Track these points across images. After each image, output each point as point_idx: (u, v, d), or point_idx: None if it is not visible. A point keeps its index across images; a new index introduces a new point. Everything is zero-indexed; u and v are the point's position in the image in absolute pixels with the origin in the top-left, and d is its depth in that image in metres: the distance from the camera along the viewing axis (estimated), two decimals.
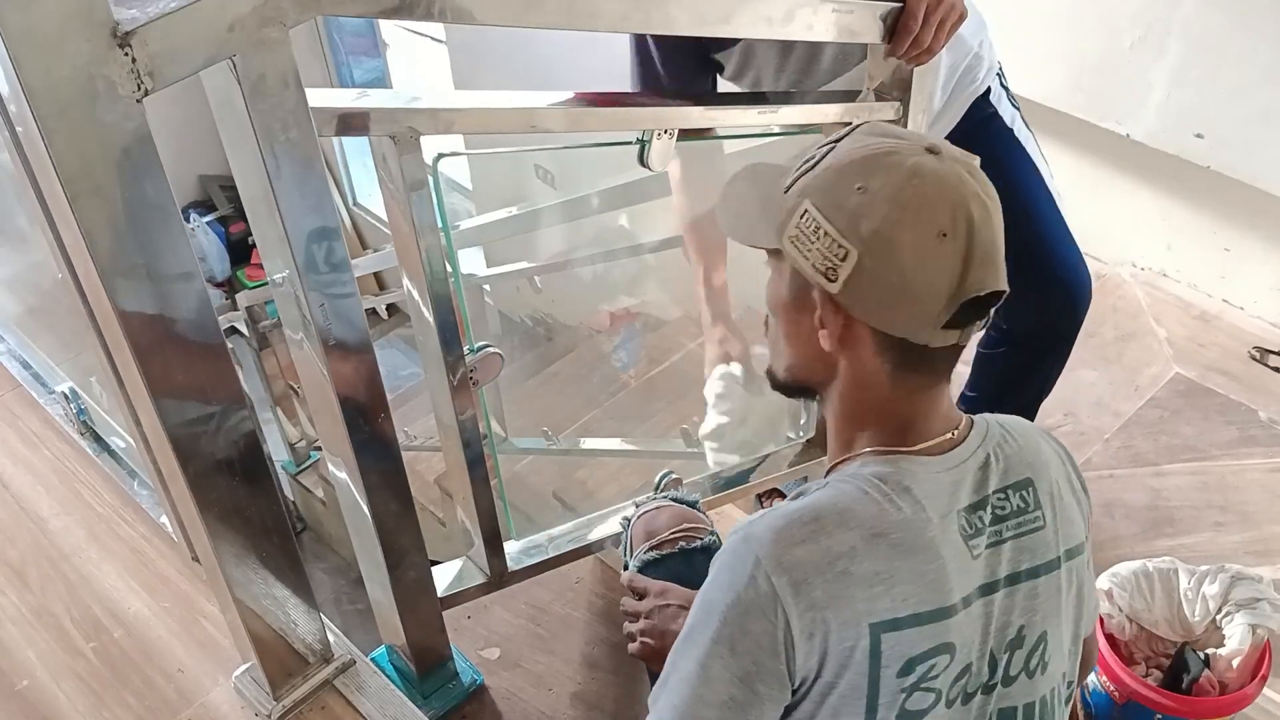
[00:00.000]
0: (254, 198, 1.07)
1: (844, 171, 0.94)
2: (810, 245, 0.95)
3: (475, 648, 1.77)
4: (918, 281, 0.92)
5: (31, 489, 1.80)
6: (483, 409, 1.51)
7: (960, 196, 0.92)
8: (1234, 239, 2.61)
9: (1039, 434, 1.10)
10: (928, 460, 0.99)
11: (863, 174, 0.93)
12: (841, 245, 0.93)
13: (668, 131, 1.49)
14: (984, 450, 1.02)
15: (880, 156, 0.94)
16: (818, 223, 0.94)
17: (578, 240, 3.12)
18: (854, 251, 0.92)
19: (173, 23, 0.87)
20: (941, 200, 0.91)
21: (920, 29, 1.39)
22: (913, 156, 0.93)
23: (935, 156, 0.93)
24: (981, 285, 0.92)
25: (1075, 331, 2.03)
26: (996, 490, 1.01)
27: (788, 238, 0.97)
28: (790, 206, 0.98)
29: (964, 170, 0.94)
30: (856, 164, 0.94)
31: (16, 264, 2.42)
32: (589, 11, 1.15)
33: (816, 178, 0.96)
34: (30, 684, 1.49)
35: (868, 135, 0.97)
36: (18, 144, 0.97)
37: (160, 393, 1.05)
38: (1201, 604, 1.69)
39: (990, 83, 1.88)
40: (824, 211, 0.94)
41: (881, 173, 0.92)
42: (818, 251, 0.94)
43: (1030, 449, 1.05)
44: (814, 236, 0.95)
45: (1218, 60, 2.36)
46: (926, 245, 0.91)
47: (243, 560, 1.24)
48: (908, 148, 0.94)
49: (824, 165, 0.96)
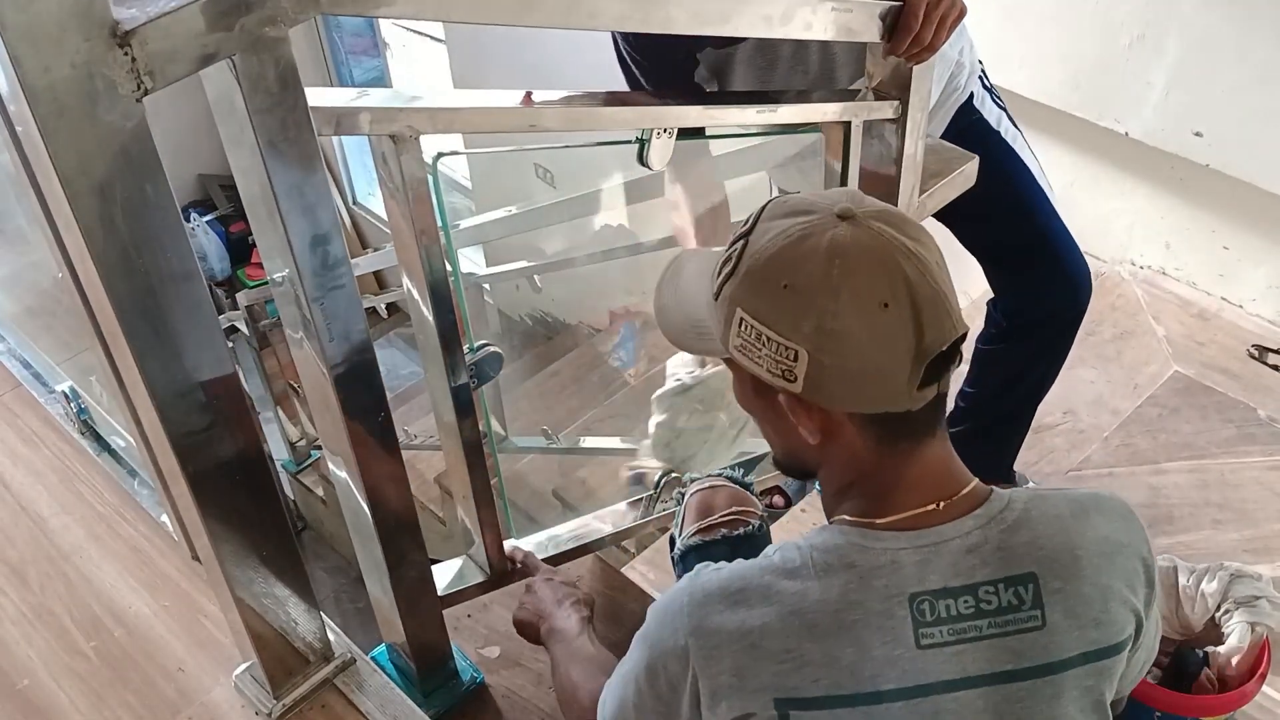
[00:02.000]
0: (254, 197, 1.07)
1: (765, 272, 0.90)
2: (758, 352, 0.91)
3: (475, 646, 1.77)
4: (876, 359, 0.88)
5: (31, 488, 1.80)
6: (483, 408, 1.51)
7: (889, 260, 0.87)
8: (1233, 237, 2.61)
9: (1096, 514, 0.97)
10: (894, 535, 0.93)
11: (783, 270, 0.89)
12: (788, 347, 0.89)
13: (667, 130, 1.49)
14: (982, 533, 0.93)
15: (794, 245, 0.89)
16: (757, 330, 0.90)
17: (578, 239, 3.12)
18: (802, 351, 0.88)
19: (172, 22, 0.87)
20: (871, 272, 0.87)
21: (921, 27, 1.39)
22: (826, 232, 0.88)
23: (849, 223, 0.89)
24: (941, 340, 0.89)
25: (1078, 321, 2.04)
26: (986, 582, 0.92)
27: (734, 348, 0.94)
28: (725, 315, 0.94)
29: (883, 225, 0.89)
30: (774, 260, 0.90)
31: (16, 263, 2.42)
32: (588, 11, 1.15)
33: (741, 283, 0.92)
34: (30, 683, 1.49)
35: (775, 219, 0.92)
36: (17, 143, 0.97)
37: (160, 392, 1.05)
38: (1200, 602, 1.69)
39: (973, 87, 1.91)
40: (759, 318, 0.90)
41: (801, 263, 0.88)
42: (767, 357, 0.90)
43: (1056, 538, 0.94)
44: (758, 343, 0.91)
45: (1216, 59, 2.36)
46: (872, 322, 0.87)
47: (243, 559, 1.24)
48: (818, 224, 0.89)
49: (744, 268, 0.92)
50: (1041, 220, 1.96)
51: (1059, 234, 1.97)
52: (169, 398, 1.06)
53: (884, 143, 1.59)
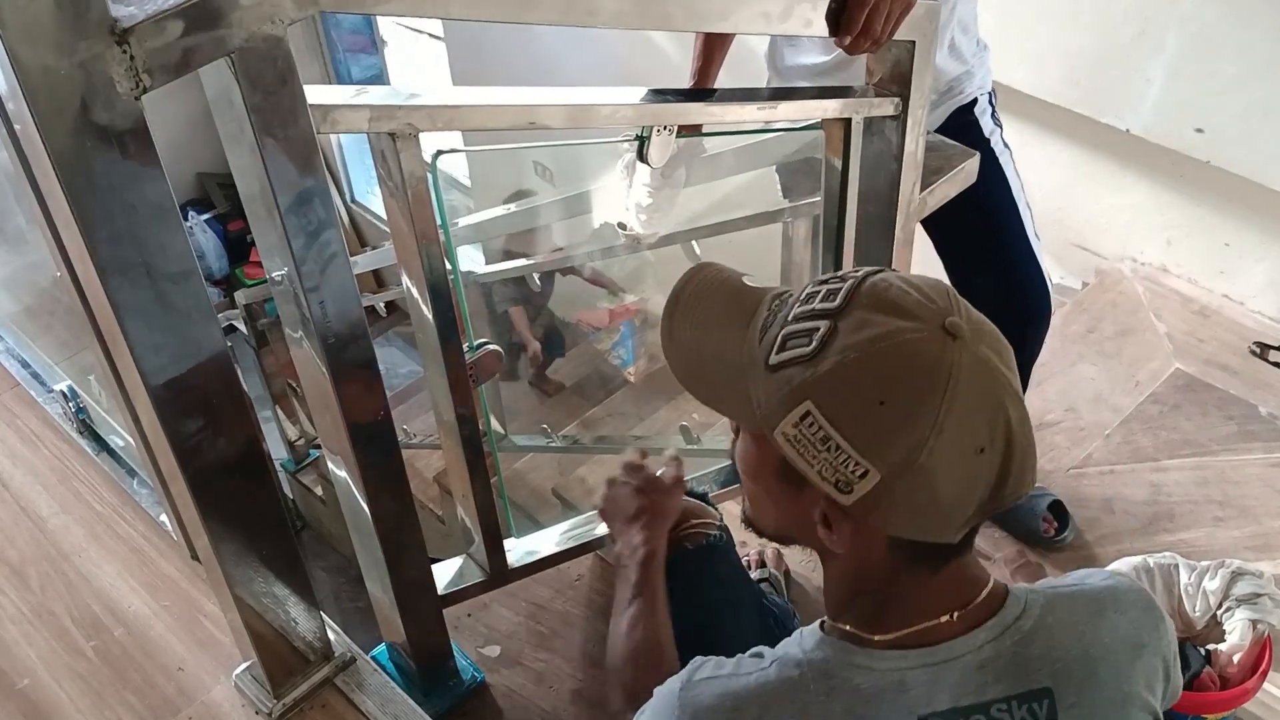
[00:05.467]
0: (252, 195, 1.06)
1: (857, 377, 0.79)
2: (815, 453, 0.80)
3: (475, 645, 1.77)
4: (949, 498, 0.80)
5: (31, 488, 1.80)
6: (482, 406, 1.51)
7: (997, 400, 0.80)
8: (1234, 234, 2.60)
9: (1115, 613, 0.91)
10: (901, 654, 0.86)
11: (882, 383, 0.78)
12: (860, 464, 0.79)
13: (667, 127, 1.48)
14: (995, 646, 0.86)
15: (897, 355, 0.78)
16: (827, 433, 0.79)
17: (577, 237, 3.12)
18: (875, 473, 0.78)
19: (171, 20, 0.86)
20: (978, 411, 0.79)
21: (868, 18, 1.34)
22: (936, 351, 0.78)
23: (958, 343, 0.79)
24: (1018, 493, 0.82)
25: (1028, 352, 2.06)
26: (999, 700, 0.85)
27: (781, 434, 0.82)
28: (781, 396, 0.82)
29: (989, 352, 0.80)
30: (872, 367, 0.79)
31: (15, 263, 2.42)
32: (586, 8, 1.15)
33: (820, 376, 0.80)
34: (31, 683, 1.49)
35: (873, 311, 0.80)
36: (16, 142, 0.97)
37: (159, 392, 1.05)
38: (1202, 599, 1.69)
39: (976, 95, 1.92)
40: (835, 423, 0.79)
41: (904, 381, 0.78)
42: (827, 462, 0.80)
43: (1073, 648, 0.88)
44: (820, 445, 0.80)
45: (1216, 54, 2.35)
46: (963, 463, 0.79)
47: (243, 558, 1.24)
48: (925, 337, 0.79)
49: (830, 362, 0.79)
50: (1007, 237, 1.97)
51: (1020, 264, 1.97)
52: (168, 397, 1.06)
53: (884, 139, 1.58)
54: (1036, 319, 2.00)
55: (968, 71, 1.89)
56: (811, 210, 1.93)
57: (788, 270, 2.31)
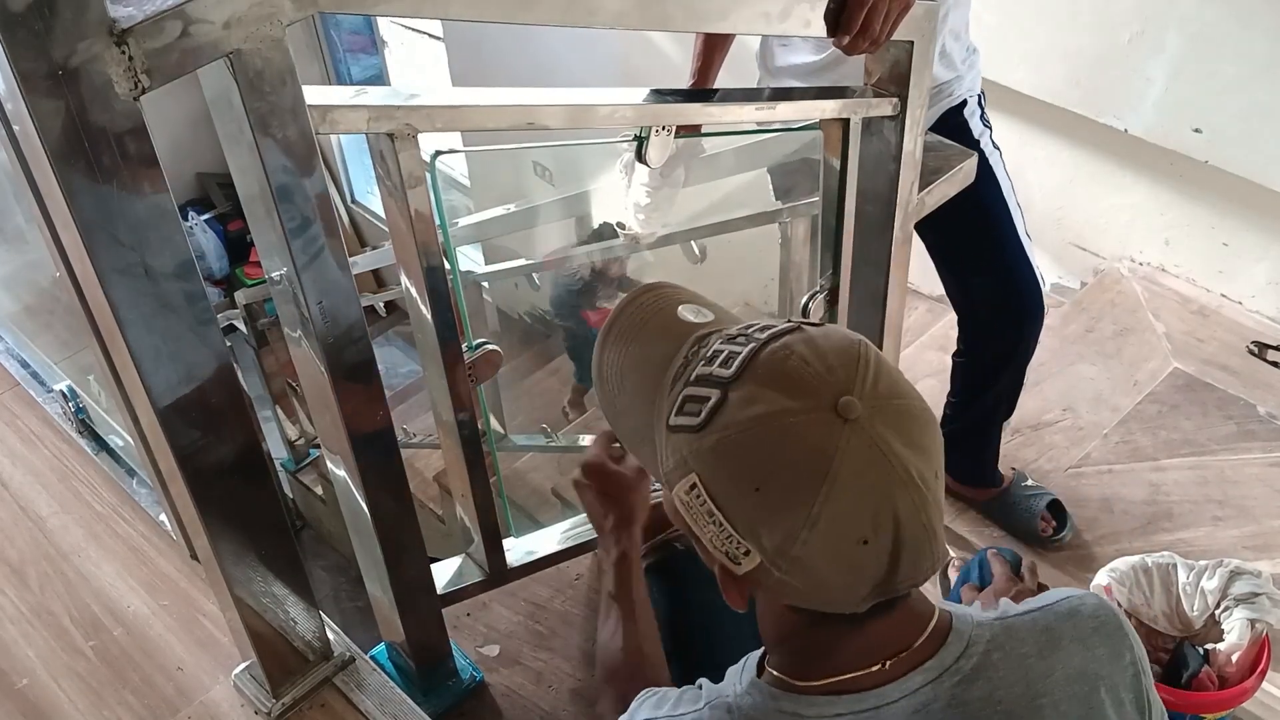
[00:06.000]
0: (251, 196, 1.06)
1: (735, 457, 0.75)
2: (705, 524, 0.78)
3: (475, 645, 1.77)
4: (834, 584, 0.77)
5: (30, 488, 1.80)
6: (481, 406, 1.51)
7: (885, 491, 0.74)
8: (1232, 234, 2.61)
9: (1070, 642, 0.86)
10: (829, 700, 0.83)
11: (758, 468, 0.74)
12: (742, 544, 0.76)
13: (666, 128, 1.49)
14: (932, 689, 0.82)
15: (779, 440, 0.74)
16: (711, 508, 0.77)
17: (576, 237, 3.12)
18: (755, 554, 0.76)
19: (169, 20, 0.86)
20: (859, 505, 0.74)
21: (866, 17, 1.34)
22: (821, 436, 0.73)
23: (850, 427, 0.73)
24: (913, 580, 0.78)
25: (1022, 352, 2.07)
26: None
27: (676, 498, 0.79)
28: (676, 461, 0.79)
29: (889, 433, 0.74)
30: (750, 450, 0.75)
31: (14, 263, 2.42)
32: (586, 8, 1.15)
33: (705, 452, 0.77)
34: (30, 683, 1.49)
35: (764, 386, 0.76)
36: (15, 142, 0.97)
37: (158, 391, 1.05)
38: (1200, 599, 1.69)
39: (966, 97, 1.94)
40: (716, 500, 0.76)
41: (781, 470, 0.74)
42: (713, 534, 0.77)
43: (1017, 687, 0.82)
44: (707, 518, 0.77)
45: (1216, 55, 2.36)
46: (844, 556, 0.75)
47: (242, 558, 1.24)
48: (813, 419, 0.74)
49: (713, 437, 0.76)
50: (998, 238, 1.98)
51: (1013, 256, 1.99)
52: (167, 397, 1.06)
53: (883, 140, 1.58)
54: (1030, 318, 2.01)
55: (957, 76, 1.92)
56: (810, 210, 1.93)
57: (786, 270, 2.31)
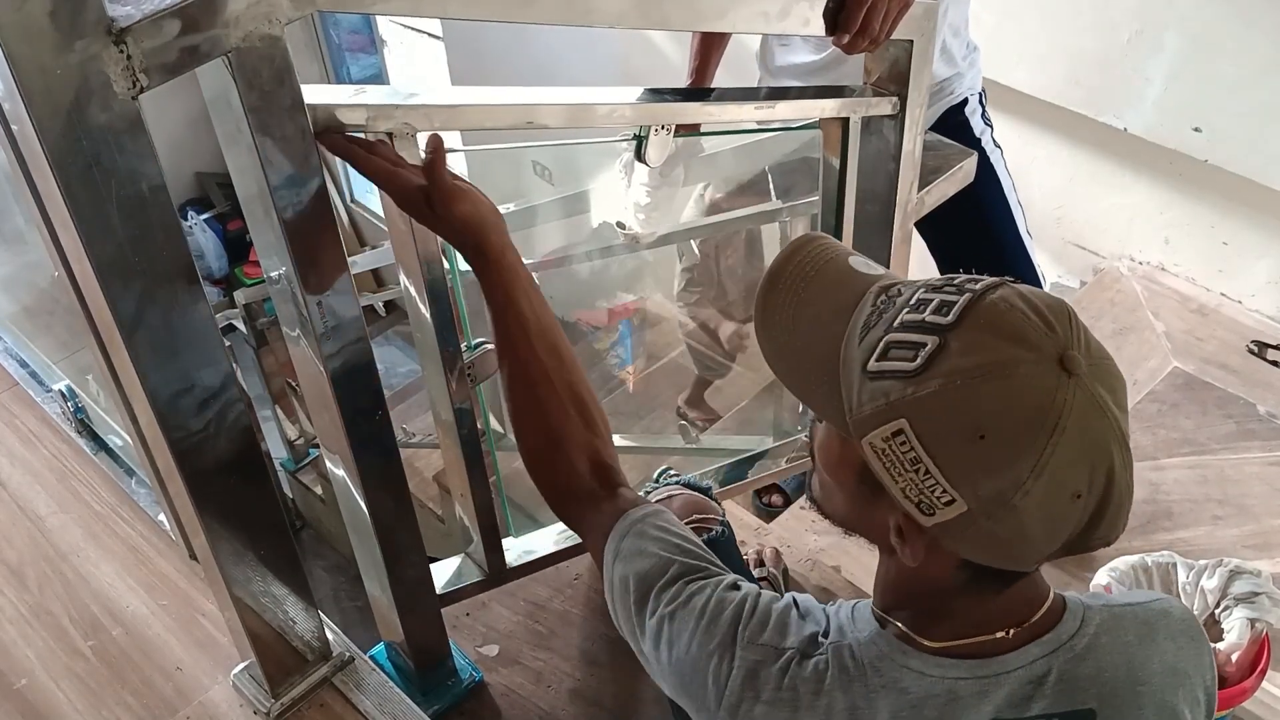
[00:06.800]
0: (250, 195, 1.06)
1: (960, 404, 0.74)
2: (903, 472, 0.76)
3: (474, 644, 1.77)
4: (1035, 538, 0.77)
5: (29, 488, 1.80)
6: (481, 406, 1.51)
7: (1104, 446, 0.75)
8: (1232, 233, 2.60)
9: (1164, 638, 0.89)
10: (954, 663, 0.84)
11: (985, 416, 0.73)
12: (948, 493, 0.75)
13: (665, 127, 1.48)
14: (1047, 661, 0.84)
15: (1006, 388, 0.73)
16: (918, 455, 0.75)
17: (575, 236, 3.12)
18: (962, 503, 0.75)
19: (168, 19, 0.86)
20: (1084, 457, 0.74)
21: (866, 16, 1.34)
22: (1048, 387, 0.73)
23: (1074, 380, 0.73)
24: (1107, 539, 0.79)
25: None
26: (1040, 716, 0.83)
27: (868, 444, 0.77)
28: (876, 408, 0.77)
29: (1104, 392, 0.75)
30: (977, 396, 0.73)
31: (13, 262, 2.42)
32: (585, 7, 1.15)
33: (920, 397, 0.74)
34: (29, 683, 1.49)
35: (987, 333, 0.75)
36: (13, 142, 0.97)
37: (157, 391, 1.05)
38: (1200, 598, 1.69)
39: (967, 96, 1.94)
40: (928, 447, 0.74)
41: (1009, 416, 0.73)
42: (913, 483, 0.76)
43: (1121, 670, 0.85)
44: (909, 466, 0.75)
45: (1216, 54, 2.35)
46: (1056, 507, 0.75)
47: (241, 558, 1.24)
48: (1038, 369, 0.73)
49: (934, 382, 0.74)
50: (998, 237, 1.99)
51: (1013, 256, 2.00)
52: (166, 397, 1.06)
53: (882, 139, 1.58)
54: None
55: (958, 74, 1.92)
56: (810, 209, 1.93)
57: None
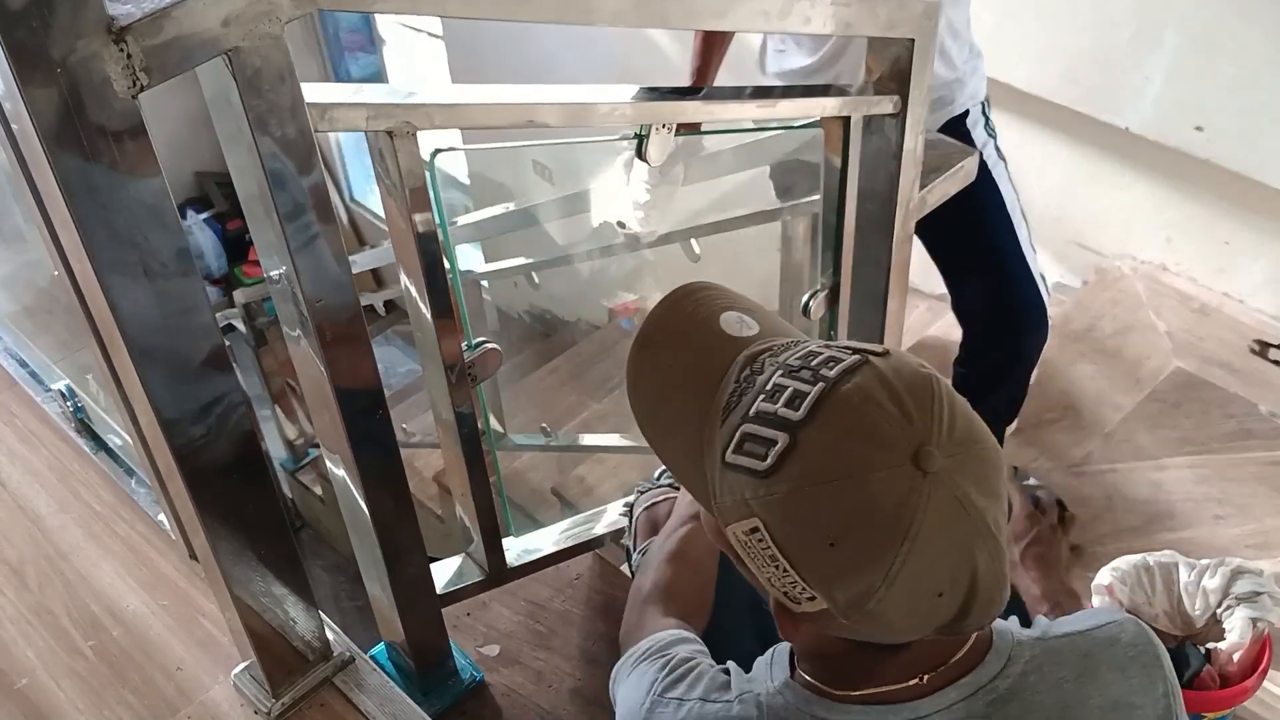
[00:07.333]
0: (250, 194, 1.06)
1: (809, 510, 0.71)
2: (764, 566, 0.74)
3: (474, 644, 1.77)
4: (904, 629, 0.76)
5: (29, 487, 1.80)
6: (481, 405, 1.51)
7: (965, 546, 0.72)
8: (1233, 232, 2.60)
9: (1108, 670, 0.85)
10: (862, 709, 0.82)
11: (834, 523, 0.70)
12: (808, 590, 0.73)
13: (666, 126, 1.48)
14: (965, 706, 0.81)
15: (856, 494, 0.70)
16: (775, 554, 0.73)
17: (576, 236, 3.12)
18: (823, 601, 0.73)
19: (168, 18, 0.86)
20: (943, 559, 0.71)
21: None
22: (900, 492, 0.69)
23: (929, 481, 0.69)
24: (980, 623, 0.77)
25: (1021, 365, 2.08)
26: None
27: (732, 533, 0.75)
28: (734, 501, 0.74)
29: (968, 485, 0.71)
30: (826, 503, 0.70)
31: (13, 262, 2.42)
32: (584, 6, 1.14)
33: (771, 499, 0.72)
34: (29, 682, 1.49)
35: (838, 432, 0.71)
36: (13, 141, 0.96)
37: (157, 391, 1.05)
38: (1202, 598, 1.69)
39: (969, 106, 1.93)
40: (783, 549, 0.72)
41: (859, 525, 0.70)
42: (775, 575, 0.74)
43: (1052, 712, 0.82)
44: (769, 561, 0.73)
45: (1216, 52, 2.35)
46: (918, 605, 0.73)
47: (241, 558, 1.24)
48: (891, 474, 0.69)
49: (785, 486, 0.71)
50: (996, 249, 1.99)
51: (1012, 269, 1.99)
52: (166, 396, 1.05)
53: (884, 138, 1.58)
54: (1031, 331, 2.01)
55: (958, 79, 1.91)
56: (810, 209, 1.93)
57: (786, 269, 2.31)
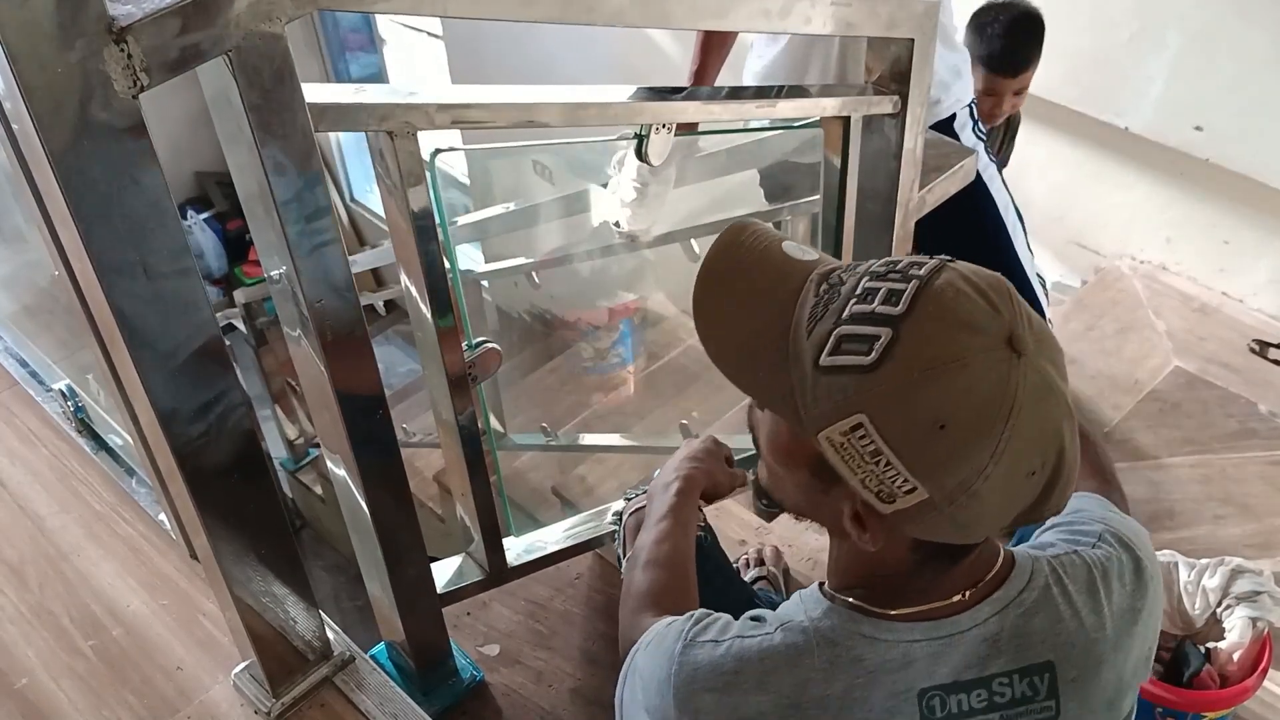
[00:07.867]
0: (251, 194, 1.06)
1: (919, 396, 0.73)
2: (862, 463, 0.76)
3: (475, 644, 1.77)
4: (991, 515, 0.78)
5: (29, 487, 1.80)
6: (481, 405, 1.51)
7: (1056, 423, 0.76)
8: (1233, 231, 2.61)
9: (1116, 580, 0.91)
10: (908, 627, 0.85)
11: (943, 405, 0.73)
12: (910, 482, 0.75)
13: (666, 125, 1.48)
14: (999, 620, 0.85)
15: (961, 375, 0.73)
16: (879, 448, 0.74)
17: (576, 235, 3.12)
18: (924, 491, 0.75)
19: (169, 18, 0.86)
20: (1039, 436, 0.75)
21: None
22: (1000, 371, 0.73)
23: (1023, 361, 0.73)
24: (1056, 509, 0.80)
25: None
26: (1000, 674, 0.85)
27: (825, 438, 0.77)
28: (834, 403, 0.76)
29: (1049, 367, 0.76)
30: (934, 387, 0.73)
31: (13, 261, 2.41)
32: (586, 6, 1.14)
33: (881, 391, 0.74)
34: (29, 682, 1.49)
35: (937, 321, 0.74)
36: (14, 141, 0.96)
37: (157, 391, 1.05)
38: (1202, 597, 1.69)
39: (956, 110, 1.93)
40: (889, 440, 0.74)
41: (965, 403, 0.73)
42: (873, 474, 0.76)
43: (1075, 616, 0.88)
44: (869, 459, 0.75)
45: (1216, 52, 2.35)
46: (1013, 486, 0.76)
47: (241, 558, 1.24)
48: (989, 354, 0.73)
49: (891, 375, 0.73)
50: (993, 251, 1.98)
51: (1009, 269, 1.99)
52: (166, 396, 1.05)
53: (883, 137, 1.58)
54: None
55: (943, 82, 1.91)
56: (811, 208, 1.93)
57: None
